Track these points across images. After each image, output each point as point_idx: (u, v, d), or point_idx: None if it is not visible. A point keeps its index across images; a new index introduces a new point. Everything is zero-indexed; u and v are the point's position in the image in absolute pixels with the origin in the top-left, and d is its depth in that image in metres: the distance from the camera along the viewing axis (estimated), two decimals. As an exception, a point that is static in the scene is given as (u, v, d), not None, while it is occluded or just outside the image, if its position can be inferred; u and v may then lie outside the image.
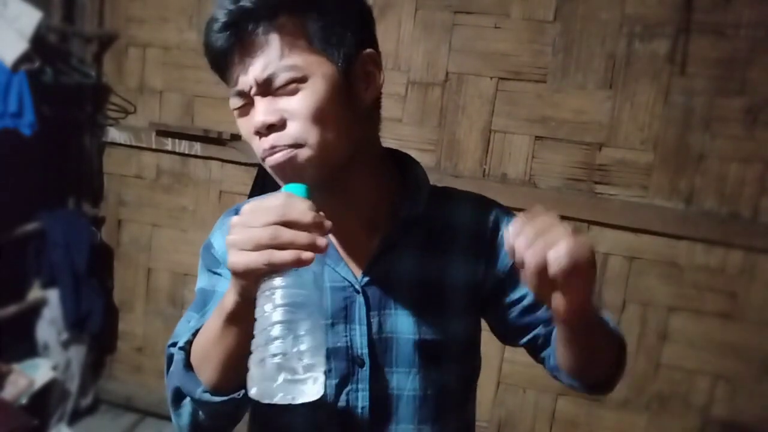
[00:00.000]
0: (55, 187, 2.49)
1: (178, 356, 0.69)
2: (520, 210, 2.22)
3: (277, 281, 0.54)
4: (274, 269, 0.53)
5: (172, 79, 2.41)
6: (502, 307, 0.82)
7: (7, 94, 2.04)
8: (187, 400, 0.69)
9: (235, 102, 0.69)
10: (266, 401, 0.53)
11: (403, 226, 0.76)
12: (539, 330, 0.81)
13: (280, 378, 0.52)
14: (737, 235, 1.92)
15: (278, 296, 0.54)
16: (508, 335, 0.86)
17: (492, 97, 2.09)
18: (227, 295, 0.60)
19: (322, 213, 0.57)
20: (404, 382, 0.76)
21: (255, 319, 0.55)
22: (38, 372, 2.29)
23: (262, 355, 0.53)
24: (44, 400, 2.33)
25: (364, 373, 0.75)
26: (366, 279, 0.75)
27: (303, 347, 0.52)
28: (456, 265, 0.78)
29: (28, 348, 2.37)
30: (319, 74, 0.66)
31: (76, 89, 2.39)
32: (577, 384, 0.78)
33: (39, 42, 2.14)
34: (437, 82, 2.13)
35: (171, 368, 0.72)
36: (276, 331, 0.52)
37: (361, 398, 0.75)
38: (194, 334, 0.69)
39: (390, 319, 0.76)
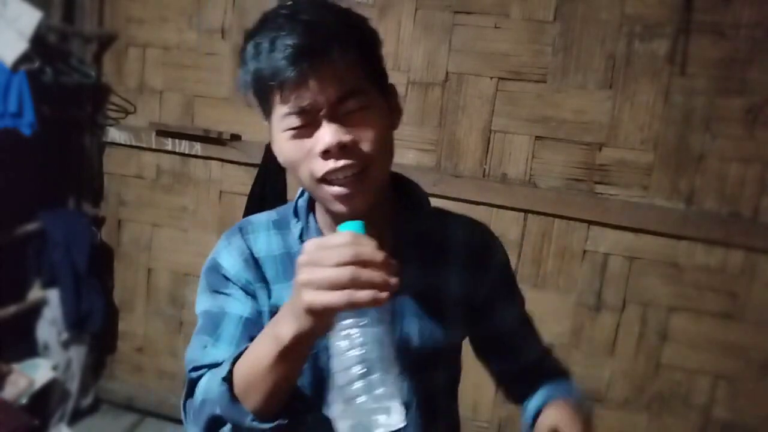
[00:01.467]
0: (55, 187, 2.49)
1: (223, 387, 0.67)
2: (520, 210, 2.20)
3: (354, 320, 0.56)
4: (352, 308, 0.55)
5: (172, 79, 2.41)
6: (484, 325, 0.89)
7: (7, 94, 2.05)
8: (228, 427, 0.69)
9: (293, 121, 0.69)
10: None
11: (406, 241, 0.80)
12: (511, 364, 0.93)
13: (364, 416, 0.55)
14: (737, 235, 1.92)
15: (356, 335, 0.55)
16: (481, 350, 0.94)
17: (492, 97, 2.09)
18: (282, 327, 0.60)
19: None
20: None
21: (330, 356, 0.57)
22: (38, 372, 2.29)
23: (345, 395, 0.55)
24: (44, 400, 2.33)
25: None
26: None
27: (381, 385, 0.55)
28: (453, 277, 0.84)
29: (28, 348, 2.37)
30: (377, 104, 0.72)
31: (76, 89, 2.39)
32: None
33: (39, 42, 2.14)
34: (437, 82, 2.12)
35: (202, 396, 0.71)
36: (356, 370, 0.54)
37: None
38: (233, 364, 0.68)
39: (395, 329, 0.79)
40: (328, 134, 0.67)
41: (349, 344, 0.55)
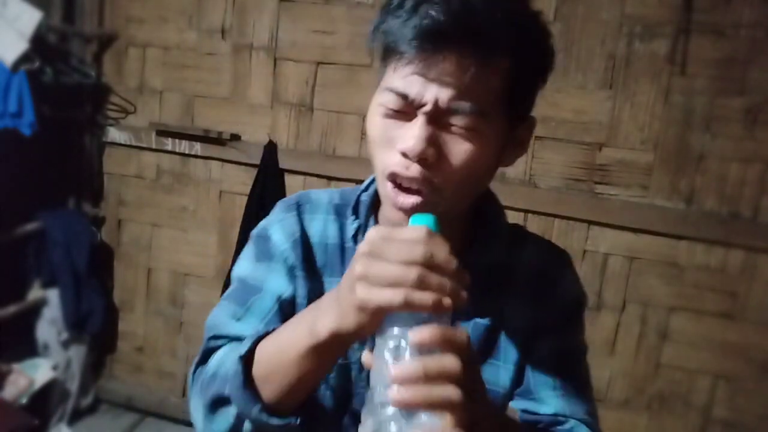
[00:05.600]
0: (55, 187, 2.49)
1: (238, 367, 0.59)
2: (520, 210, 2.19)
3: (407, 330, 0.47)
4: (409, 309, 0.47)
5: (172, 79, 2.41)
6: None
7: (7, 94, 2.04)
8: (232, 410, 0.62)
9: (392, 100, 0.60)
10: None
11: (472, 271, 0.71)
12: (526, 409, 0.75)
13: None
14: (737, 235, 1.92)
15: (406, 347, 0.47)
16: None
17: (492, 97, 2.08)
18: (322, 319, 0.52)
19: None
20: None
21: (366, 368, 0.49)
22: (38, 372, 2.29)
23: (378, 416, 0.46)
24: (44, 400, 2.33)
25: None
26: None
27: (424, 415, 0.45)
28: (514, 308, 0.73)
29: (28, 348, 2.37)
30: (493, 132, 0.61)
31: (76, 89, 2.39)
32: None
33: (39, 42, 2.14)
34: (437, 82, 2.12)
35: (215, 368, 0.64)
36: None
37: None
38: (255, 343, 0.61)
39: None
40: (415, 138, 0.57)
41: (396, 356, 0.46)
